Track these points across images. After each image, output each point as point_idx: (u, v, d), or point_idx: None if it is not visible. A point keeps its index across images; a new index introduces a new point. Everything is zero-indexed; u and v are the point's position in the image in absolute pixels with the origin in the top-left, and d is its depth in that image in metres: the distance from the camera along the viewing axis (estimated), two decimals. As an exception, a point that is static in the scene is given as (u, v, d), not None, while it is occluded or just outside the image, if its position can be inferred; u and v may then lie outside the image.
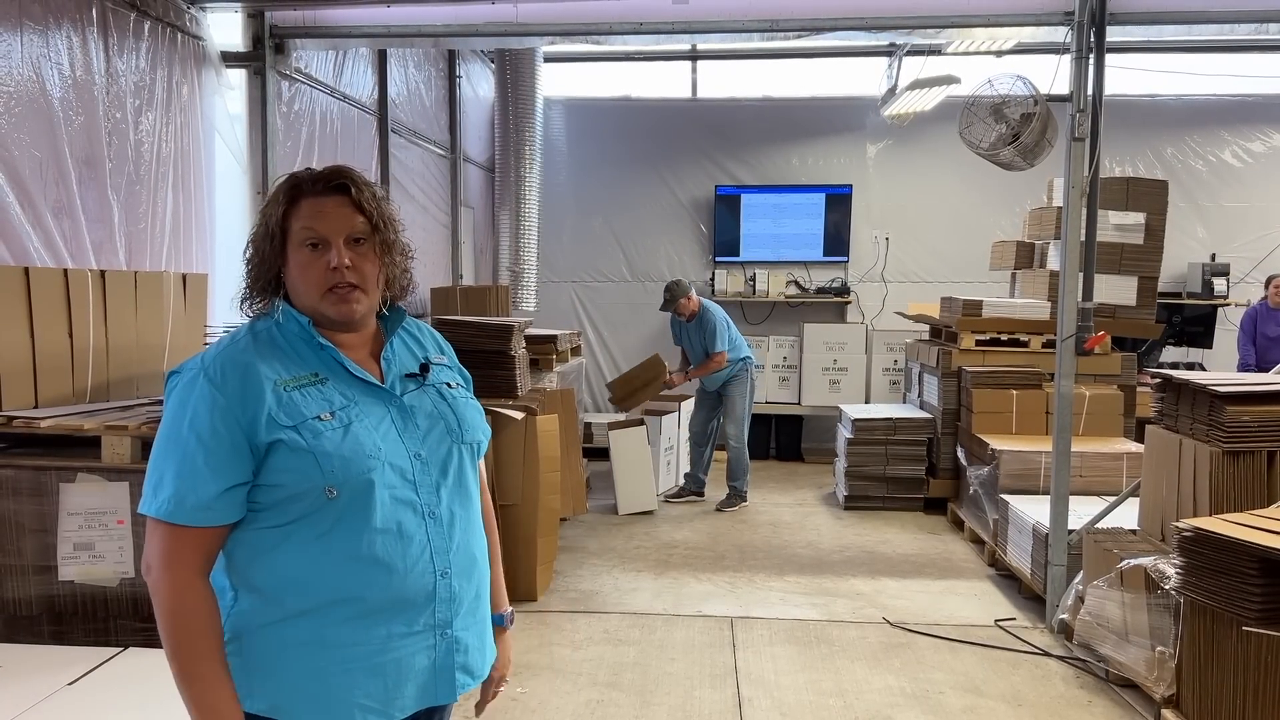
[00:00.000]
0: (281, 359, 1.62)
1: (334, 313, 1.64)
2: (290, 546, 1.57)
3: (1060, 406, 4.72)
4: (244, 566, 1.58)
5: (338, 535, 1.57)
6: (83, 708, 2.49)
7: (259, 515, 1.57)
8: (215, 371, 1.56)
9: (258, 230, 1.66)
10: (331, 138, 5.84)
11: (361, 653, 1.58)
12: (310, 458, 1.54)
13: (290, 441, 1.54)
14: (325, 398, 1.61)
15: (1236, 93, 8.90)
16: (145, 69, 4.18)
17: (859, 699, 3.87)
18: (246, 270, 1.68)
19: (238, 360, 1.58)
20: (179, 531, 1.53)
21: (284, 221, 1.63)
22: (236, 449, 1.53)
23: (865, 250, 9.33)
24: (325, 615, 1.57)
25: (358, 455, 1.57)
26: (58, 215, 3.63)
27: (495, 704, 3.82)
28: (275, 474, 1.55)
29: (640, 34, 5.00)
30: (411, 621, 1.62)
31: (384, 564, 1.59)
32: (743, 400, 7.13)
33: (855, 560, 5.80)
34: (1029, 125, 4.89)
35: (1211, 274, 8.52)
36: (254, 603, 1.58)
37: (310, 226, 1.62)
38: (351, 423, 1.60)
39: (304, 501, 1.55)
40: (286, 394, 1.58)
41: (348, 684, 1.58)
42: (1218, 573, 3.14)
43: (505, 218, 8.19)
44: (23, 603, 3.09)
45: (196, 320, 4.10)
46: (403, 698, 1.63)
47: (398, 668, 1.62)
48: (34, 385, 3.27)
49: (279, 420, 1.55)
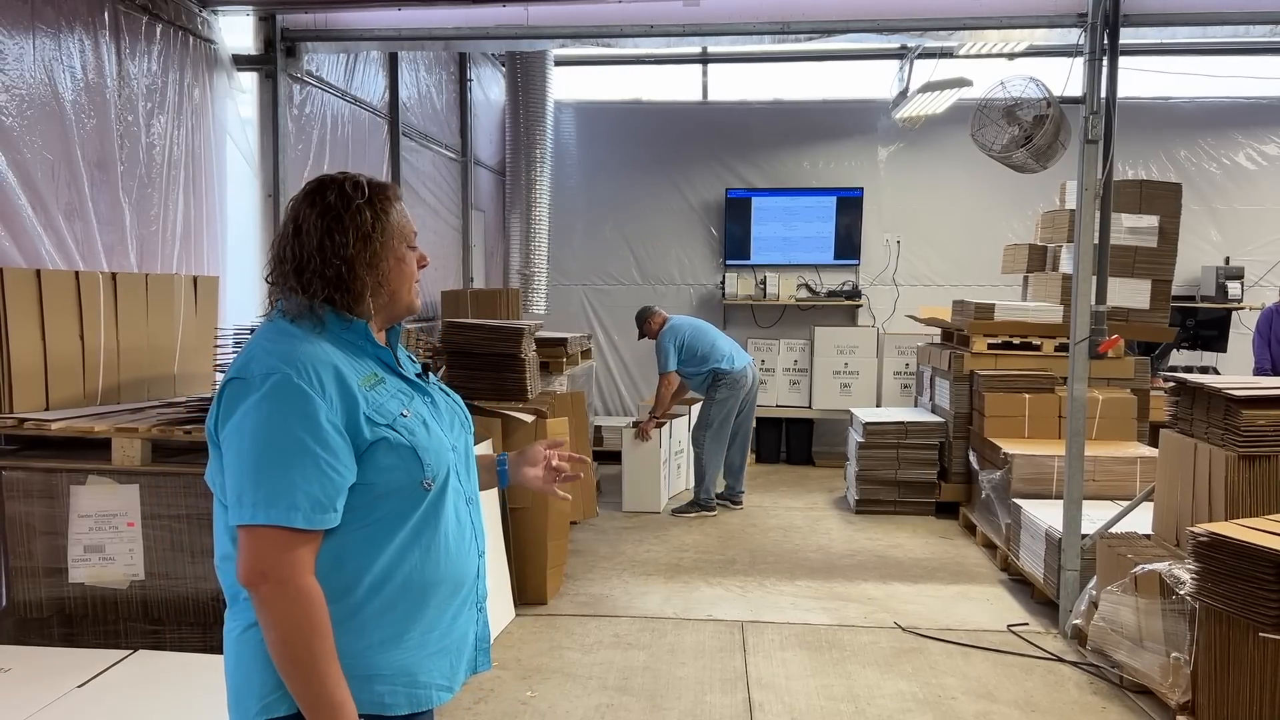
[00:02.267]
0: (348, 359, 1.63)
1: (417, 304, 1.78)
2: (376, 545, 1.60)
3: (1073, 410, 4.69)
4: (338, 567, 1.58)
5: (420, 528, 1.64)
6: (93, 710, 2.49)
7: (348, 516, 1.58)
8: (307, 372, 1.55)
9: (360, 237, 1.64)
10: (343, 141, 5.85)
11: (436, 636, 1.67)
12: (411, 453, 1.61)
13: (392, 439, 1.60)
14: (394, 396, 1.66)
15: (1250, 95, 8.84)
16: (157, 72, 4.19)
17: (871, 704, 3.85)
18: (311, 273, 1.63)
19: (323, 360, 1.58)
20: (301, 536, 1.52)
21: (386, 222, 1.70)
22: (347, 449, 1.56)
23: (876, 253, 9.30)
24: (409, 607, 1.63)
25: (441, 447, 1.68)
26: (69, 218, 3.64)
27: (506, 708, 3.82)
28: (375, 472, 1.59)
29: (651, 36, 4.99)
30: (466, 601, 1.74)
31: (453, 550, 1.69)
32: (714, 406, 6.98)
33: (866, 565, 5.77)
34: (1042, 127, 4.86)
35: (1225, 277, 8.47)
36: (336, 605, 1.57)
37: (413, 230, 1.75)
38: (426, 418, 1.69)
39: (397, 498, 1.61)
40: (369, 393, 1.61)
41: (429, 668, 1.66)
42: (1233, 578, 3.12)
43: (516, 221, 8.19)
44: (33, 605, 3.09)
45: (207, 323, 4.11)
46: (460, 671, 1.74)
47: (459, 645, 1.73)
48: (45, 387, 3.28)
49: (375, 419, 1.60)
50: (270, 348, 1.59)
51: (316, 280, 1.63)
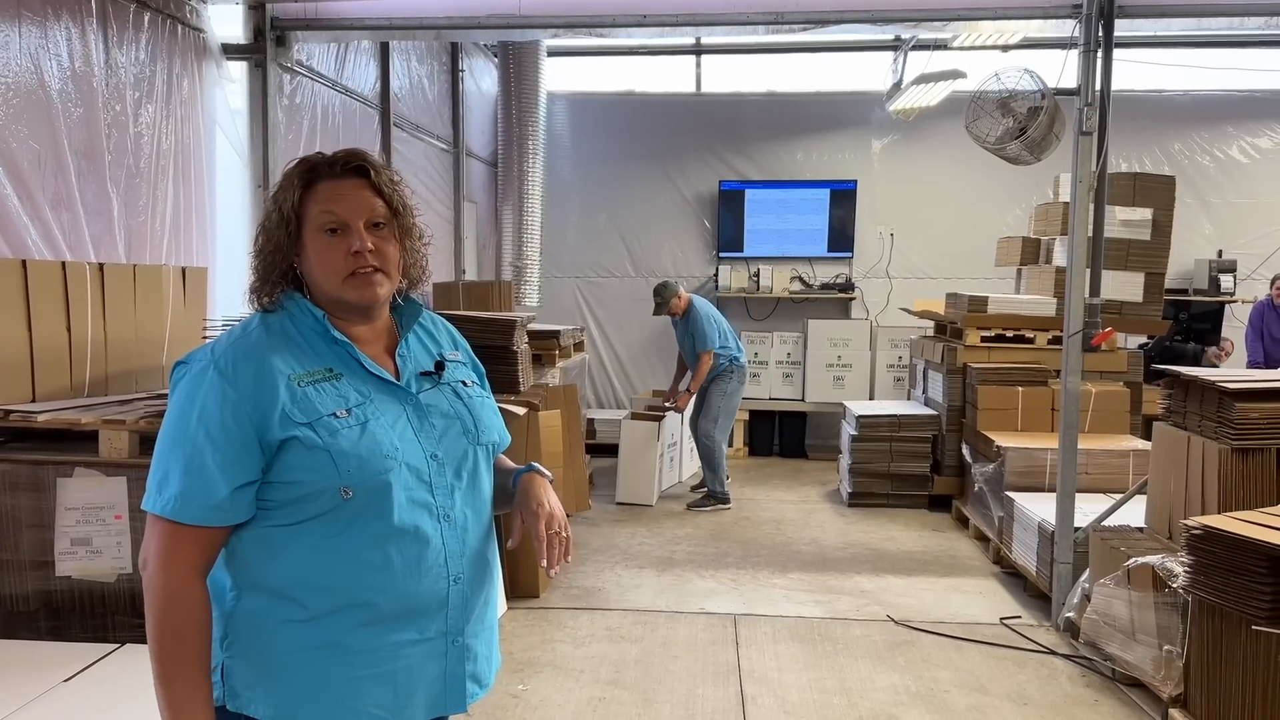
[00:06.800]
0: (295, 353, 1.56)
1: (356, 297, 1.58)
2: (302, 546, 1.51)
3: (1067, 403, 4.68)
4: (251, 565, 1.53)
5: (352, 537, 1.51)
6: (79, 704, 2.47)
7: (270, 513, 1.52)
8: (226, 364, 1.50)
9: (269, 217, 1.59)
10: (333, 131, 5.81)
11: (372, 659, 1.53)
12: (326, 456, 1.49)
13: (305, 439, 1.49)
14: (340, 394, 1.55)
15: (1244, 88, 8.84)
16: (145, 61, 4.15)
17: (863, 697, 3.84)
18: (257, 260, 1.61)
19: (250, 352, 1.53)
20: (182, 530, 1.48)
21: (300, 206, 1.57)
22: (247, 446, 1.48)
23: (870, 246, 9.28)
24: (336, 619, 1.51)
25: (375, 455, 1.52)
26: (56, 208, 3.60)
27: (497, 702, 3.81)
28: (288, 472, 1.50)
29: (644, 26, 4.96)
30: (424, 628, 1.57)
31: (398, 569, 1.53)
32: (722, 399, 6.96)
33: (859, 558, 5.76)
34: (1036, 119, 4.84)
35: (1218, 270, 8.48)
36: (260, 603, 1.52)
37: (330, 210, 1.56)
38: (368, 421, 1.54)
39: (318, 501, 1.50)
40: (301, 389, 1.52)
41: (357, 691, 1.53)
42: (1227, 571, 3.11)
43: (508, 213, 8.17)
44: (20, 598, 3.07)
45: (196, 314, 4.08)
46: (412, 707, 1.58)
47: (408, 676, 1.56)
48: (31, 379, 3.25)
49: (293, 417, 1.49)
50: (219, 339, 1.59)
51: (261, 263, 1.61)
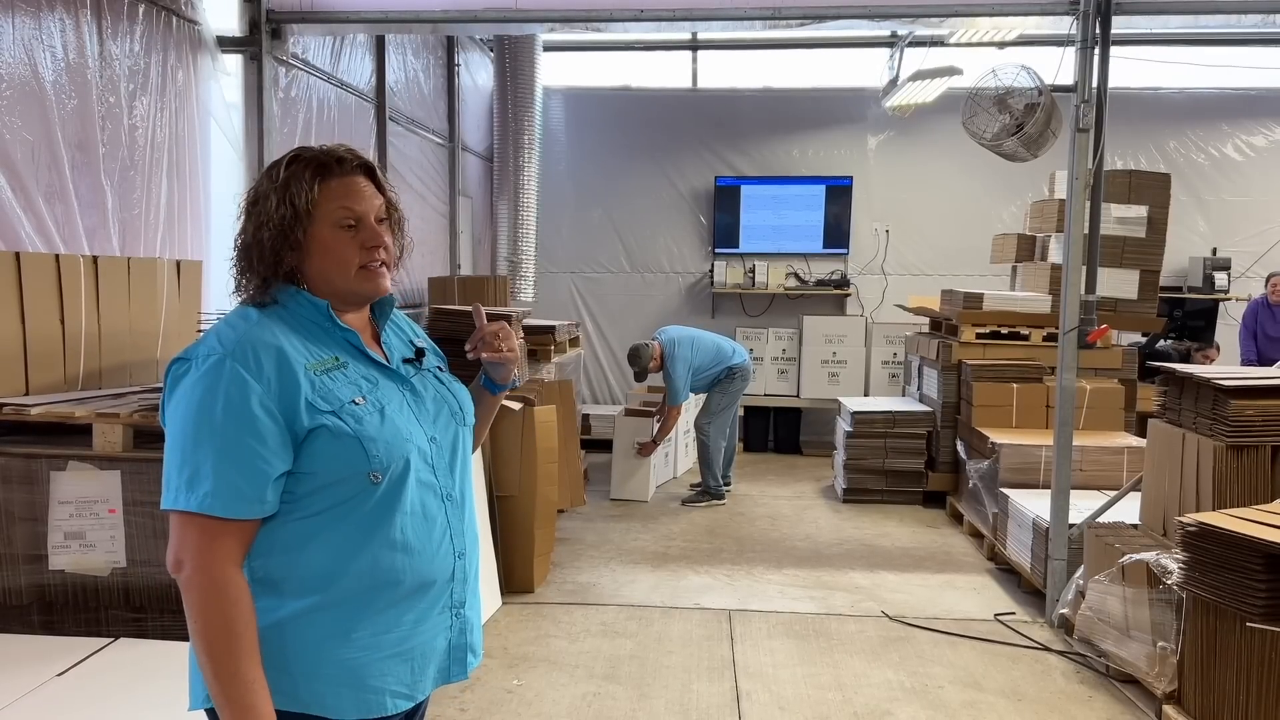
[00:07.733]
0: (303, 342, 1.58)
1: (369, 289, 1.64)
2: (322, 537, 1.53)
3: (1062, 400, 4.69)
4: (267, 558, 1.52)
5: (372, 522, 1.55)
6: (73, 698, 2.46)
7: (291, 506, 1.53)
8: (245, 355, 1.50)
9: (275, 212, 1.58)
10: (329, 125, 5.79)
11: (392, 639, 1.58)
12: (355, 443, 1.52)
13: (333, 427, 1.52)
14: (352, 382, 1.59)
15: (1239, 86, 8.86)
16: (140, 53, 4.13)
17: (858, 693, 3.85)
18: (256, 252, 1.60)
19: (266, 343, 1.53)
20: (221, 525, 1.46)
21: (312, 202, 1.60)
22: (280, 435, 1.49)
23: (865, 242, 9.29)
24: (358, 605, 1.55)
25: (397, 439, 1.57)
26: (50, 200, 3.58)
27: (492, 697, 3.80)
28: (315, 461, 1.52)
29: (641, 21, 4.94)
30: (434, 604, 1.64)
31: (414, 549, 1.59)
32: (722, 397, 7.00)
33: (854, 554, 5.77)
34: (1033, 116, 4.84)
35: (1213, 268, 8.50)
36: (278, 597, 1.52)
37: (348, 206, 1.61)
38: (384, 406, 1.60)
39: (342, 489, 1.53)
40: (318, 377, 1.55)
41: (381, 672, 1.57)
42: (1221, 568, 3.12)
43: (504, 207, 8.14)
44: (13, 592, 3.05)
45: (190, 307, 4.06)
46: (425, 679, 1.64)
47: (423, 651, 1.63)
48: (25, 372, 3.23)
49: (317, 405, 1.52)
50: (221, 329, 1.56)
51: (260, 257, 1.60)
